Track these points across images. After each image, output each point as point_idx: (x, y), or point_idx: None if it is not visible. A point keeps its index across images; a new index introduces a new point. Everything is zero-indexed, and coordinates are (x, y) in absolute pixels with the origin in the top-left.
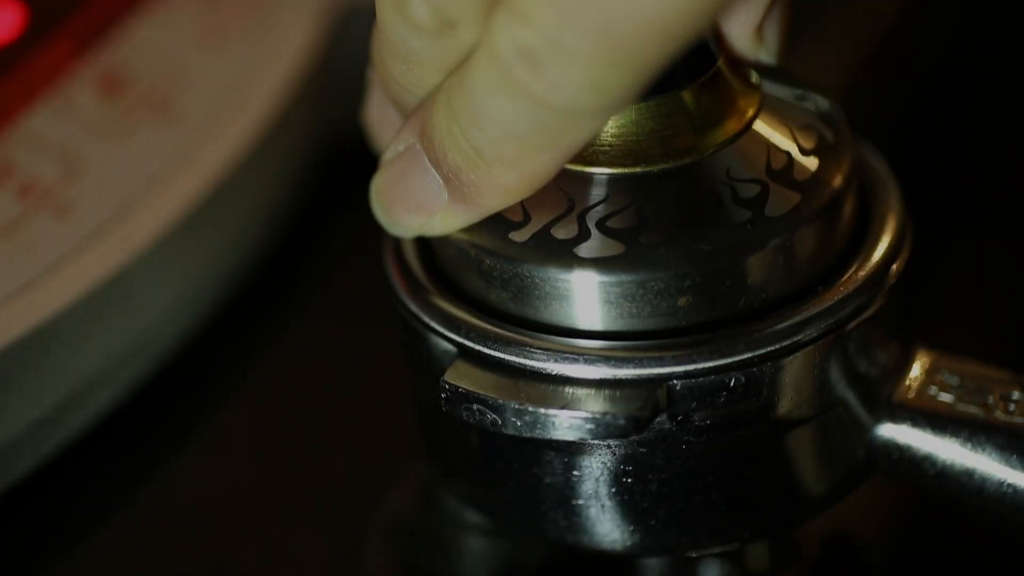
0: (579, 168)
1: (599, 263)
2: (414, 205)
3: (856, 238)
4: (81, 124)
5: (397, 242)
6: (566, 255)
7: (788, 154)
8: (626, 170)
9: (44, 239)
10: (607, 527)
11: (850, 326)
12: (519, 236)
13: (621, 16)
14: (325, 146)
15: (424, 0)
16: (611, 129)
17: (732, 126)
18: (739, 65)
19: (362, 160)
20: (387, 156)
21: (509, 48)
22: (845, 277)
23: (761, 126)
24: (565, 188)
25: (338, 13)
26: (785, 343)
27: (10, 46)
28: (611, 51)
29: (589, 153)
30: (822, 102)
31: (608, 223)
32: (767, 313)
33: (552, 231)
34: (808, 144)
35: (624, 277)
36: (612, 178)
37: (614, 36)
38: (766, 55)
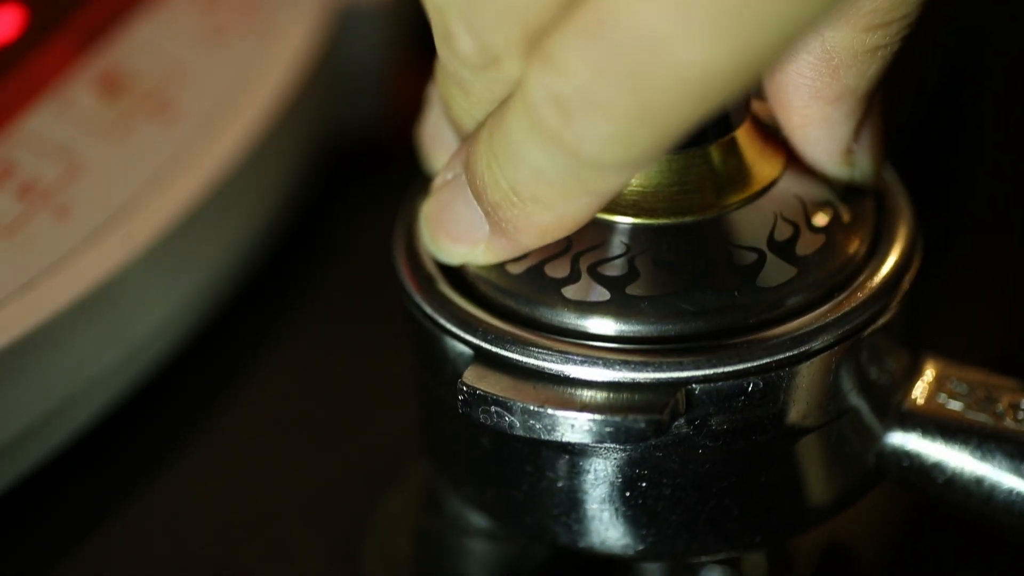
0: (665, 221)
1: (582, 306)
2: (458, 235)
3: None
4: (81, 124)
5: (409, 242)
6: (553, 294)
7: (795, 227)
8: (631, 220)
9: (44, 239)
10: (620, 531)
11: (866, 332)
12: (515, 268)
13: (655, 74)
14: (325, 146)
15: (469, 35)
16: (694, 175)
17: (746, 190)
18: (766, 129)
19: (362, 160)
20: (437, 183)
21: (541, 95)
22: (860, 284)
23: (776, 194)
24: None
25: (338, 13)
26: (803, 348)
27: (10, 46)
28: (641, 108)
29: (680, 201)
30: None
31: (599, 269)
32: (784, 320)
33: (545, 268)
34: (820, 220)
35: (604, 322)
36: (614, 226)
37: (646, 93)
38: (861, 177)
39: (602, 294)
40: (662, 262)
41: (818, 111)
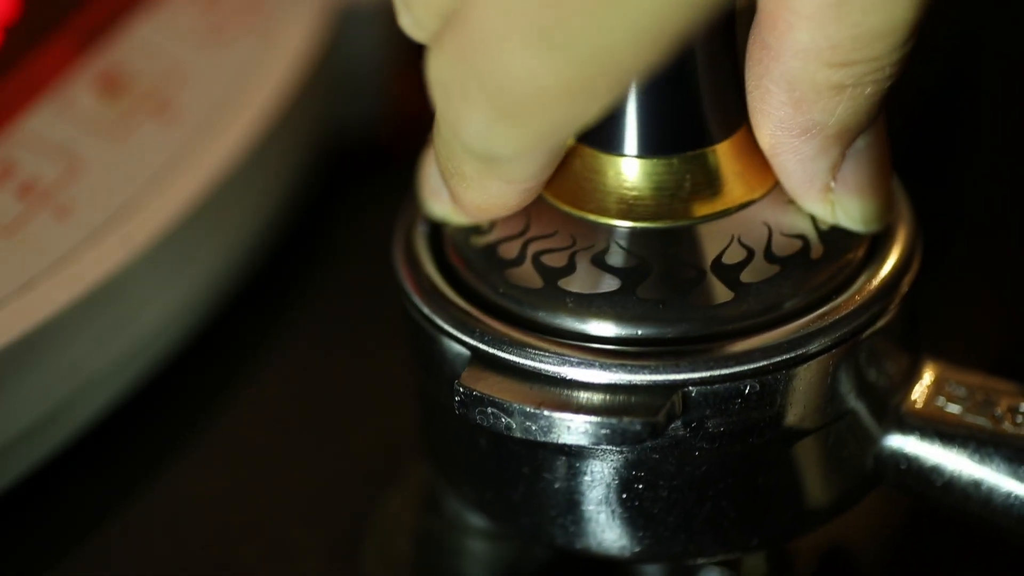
0: (582, 215)
1: (580, 308)
2: (434, 194)
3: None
4: (81, 124)
5: (408, 243)
6: (551, 295)
7: (786, 235)
8: (631, 224)
9: (44, 239)
10: (616, 533)
11: (864, 335)
12: (511, 269)
13: (494, 77)
14: (325, 146)
15: (404, 10)
16: (625, 181)
17: (734, 197)
18: None
19: (362, 160)
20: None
21: (433, 75)
22: (859, 287)
23: (762, 206)
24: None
25: (338, 13)
26: (800, 351)
27: (10, 46)
28: (495, 106)
29: (604, 202)
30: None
31: (597, 270)
32: (781, 323)
33: (542, 269)
34: (813, 230)
35: (601, 324)
36: (612, 229)
37: (494, 94)
38: (846, 220)
39: (600, 296)
40: (659, 266)
41: (787, 142)
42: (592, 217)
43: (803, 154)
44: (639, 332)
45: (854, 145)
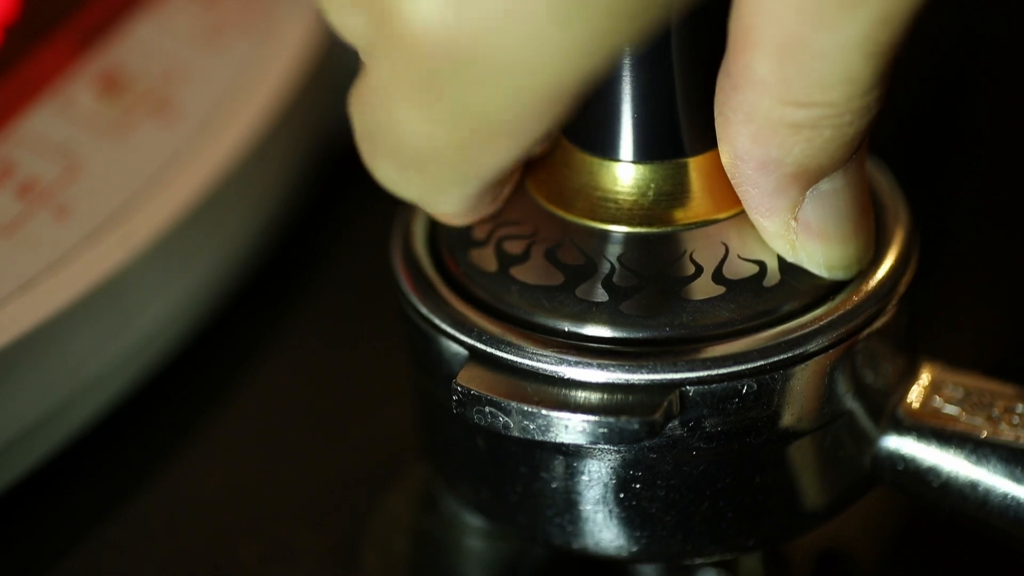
0: (580, 220)
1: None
2: None
3: None
4: (81, 124)
5: (406, 243)
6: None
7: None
8: (624, 229)
9: (44, 239)
10: (614, 532)
11: (861, 336)
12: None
13: (401, 135)
14: (325, 146)
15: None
16: (618, 187)
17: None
18: None
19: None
20: None
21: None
22: (856, 287)
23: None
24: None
25: None
26: (798, 351)
27: (9, 46)
28: (402, 161)
29: (599, 208)
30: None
31: (595, 272)
32: (779, 322)
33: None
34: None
35: (598, 324)
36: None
37: (402, 152)
38: (809, 266)
39: (597, 296)
40: (656, 267)
41: (747, 173)
42: (588, 222)
43: (762, 188)
44: (636, 332)
45: (817, 187)
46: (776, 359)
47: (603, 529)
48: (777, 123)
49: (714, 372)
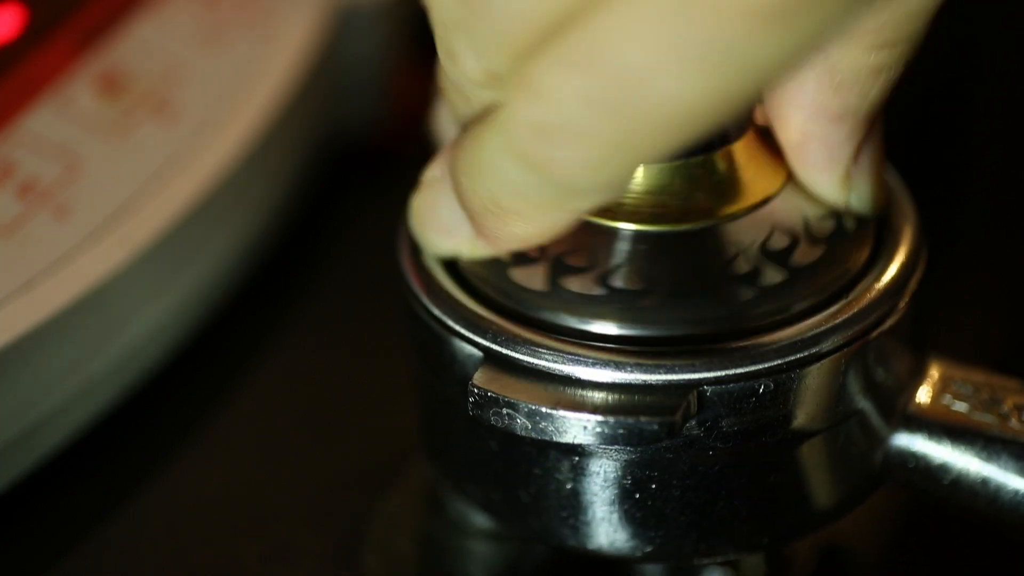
0: (594, 219)
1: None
2: (444, 232)
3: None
4: (81, 124)
5: (413, 243)
6: (563, 296)
7: (793, 236)
8: (637, 227)
9: (44, 239)
10: (629, 533)
11: (874, 334)
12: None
13: (638, 107)
14: (325, 146)
15: (472, 56)
16: (632, 185)
17: (748, 200)
18: (770, 135)
19: (362, 160)
20: (426, 177)
21: (521, 119)
22: (868, 286)
23: (778, 203)
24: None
25: (338, 13)
26: (814, 350)
27: (10, 46)
28: (620, 138)
29: (613, 206)
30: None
31: (609, 271)
32: (794, 322)
33: (554, 271)
34: (820, 231)
35: (615, 324)
36: (622, 232)
37: (627, 124)
38: (857, 203)
39: (612, 295)
40: (669, 267)
41: (818, 129)
42: (601, 220)
43: (832, 140)
44: (653, 331)
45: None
46: (793, 358)
47: (618, 530)
48: (863, 70)
49: (732, 372)
